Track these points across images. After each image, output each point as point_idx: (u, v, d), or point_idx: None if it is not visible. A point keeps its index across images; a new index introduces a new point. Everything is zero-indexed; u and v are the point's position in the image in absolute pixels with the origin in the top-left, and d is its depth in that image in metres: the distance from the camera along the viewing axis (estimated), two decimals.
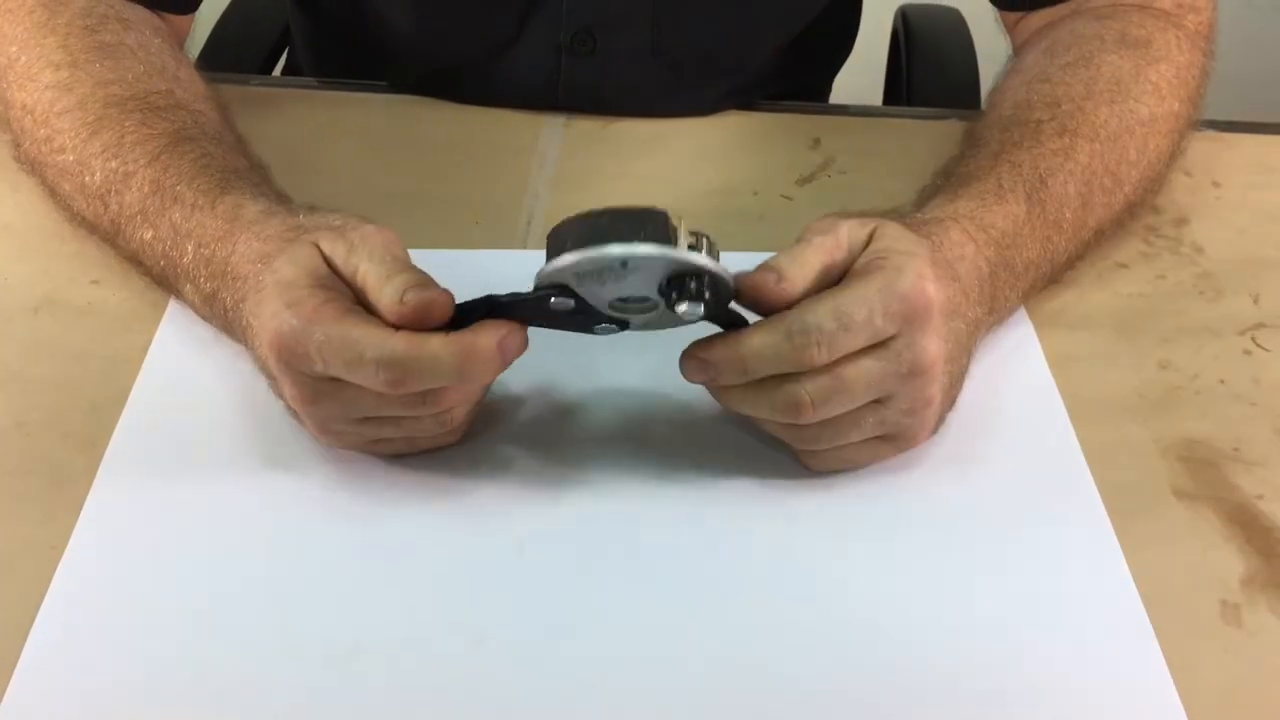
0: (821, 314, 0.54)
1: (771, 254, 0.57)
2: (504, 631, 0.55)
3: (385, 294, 0.56)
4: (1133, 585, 0.57)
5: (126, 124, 0.68)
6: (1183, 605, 0.57)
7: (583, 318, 0.56)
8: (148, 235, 0.66)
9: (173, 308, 0.69)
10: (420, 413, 0.57)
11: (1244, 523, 0.61)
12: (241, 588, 0.56)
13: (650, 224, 0.52)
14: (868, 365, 0.56)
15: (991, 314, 0.65)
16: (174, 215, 0.64)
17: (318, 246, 0.58)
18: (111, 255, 0.70)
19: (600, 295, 0.54)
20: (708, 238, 0.54)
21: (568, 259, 0.52)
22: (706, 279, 0.53)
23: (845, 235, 0.58)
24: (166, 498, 0.60)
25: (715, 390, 0.59)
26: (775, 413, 0.58)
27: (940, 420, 0.61)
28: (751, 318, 0.57)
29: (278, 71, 1.08)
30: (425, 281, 0.56)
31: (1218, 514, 0.61)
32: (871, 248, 0.58)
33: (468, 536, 0.59)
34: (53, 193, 0.72)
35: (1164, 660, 0.55)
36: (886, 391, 0.57)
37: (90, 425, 0.63)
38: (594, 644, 0.55)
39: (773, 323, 0.55)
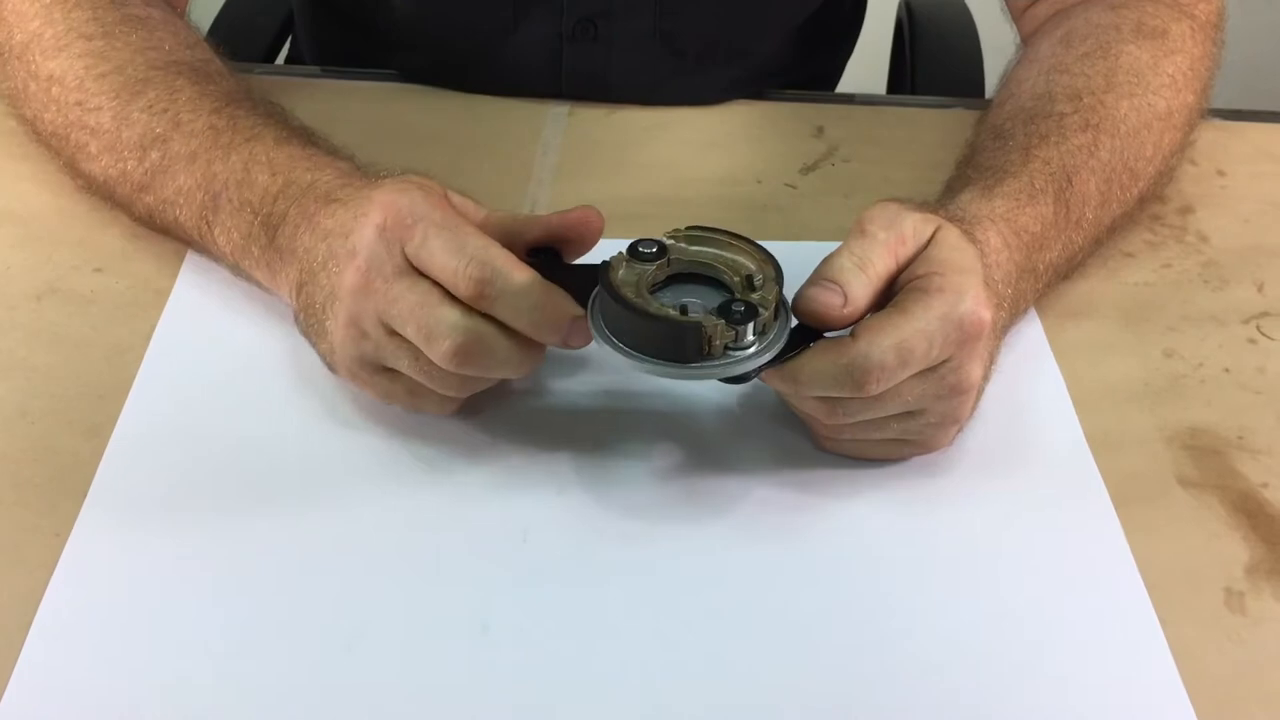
0: (885, 349, 0.54)
1: (782, 243, 0.57)
2: (508, 619, 0.55)
3: (531, 220, 0.59)
4: (1137, 573, 0.57)
5: (178, 82, 0.68)
6: (1187, 593, 0.57)
7: None
8: (192, 180, 0.65)
9: (176, 294, 0.68)
10: (443, 367, 0.56)
11: (1249, 511, 0.61)
12: (244, 573, 0.56)
13: (683, 342, 0.53)
14: (910, 384, 0.56)
15: (1013, 318, 0.65)
16: (255, 148, 0.65)
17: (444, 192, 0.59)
18: (115, 242, 0.70)
19: None
20: (758, 316, 0.53)
21: (612, 353, 0.54)
22: (754, 372, 0.55)
23: (911, 231, 0.57)
24: (171, 484, 0.60)
25: None
26: (804, 405, 0.58)
27: (961, 431, 0.61)
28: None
29: (281, 60, 1.08)
30: None
31: (1222, 502, 0.61)
32: (930, 253, 0.57)
33: (472, 524, 0.59)
34: (72, 160, 0.71)
35: (1168, 648, 0.55)
36: (921, 407, 0.57)
37: (94, 413, 0.63)
38: (597, 632, 0.55)
39: (833, 352, 0.55)
